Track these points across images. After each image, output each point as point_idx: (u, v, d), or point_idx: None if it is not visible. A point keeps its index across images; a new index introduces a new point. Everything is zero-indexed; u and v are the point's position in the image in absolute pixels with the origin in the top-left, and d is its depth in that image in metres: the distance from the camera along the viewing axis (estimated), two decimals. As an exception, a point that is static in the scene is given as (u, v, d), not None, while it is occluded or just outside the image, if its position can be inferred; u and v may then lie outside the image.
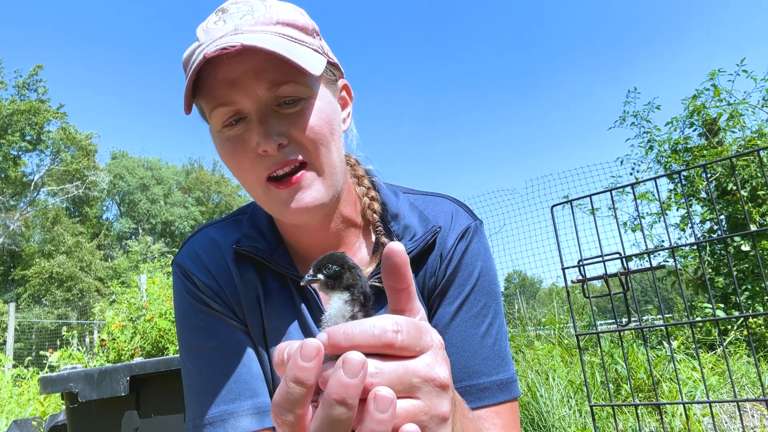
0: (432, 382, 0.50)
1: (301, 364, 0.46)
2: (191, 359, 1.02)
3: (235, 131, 0.92)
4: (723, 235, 2.91)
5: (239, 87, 0.88)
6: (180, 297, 1.06)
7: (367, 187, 1.11)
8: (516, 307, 9.62)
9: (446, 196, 1.15)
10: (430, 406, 0.50)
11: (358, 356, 0.45)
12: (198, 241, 1.09)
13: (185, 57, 0.95)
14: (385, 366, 0.48)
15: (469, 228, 1.07)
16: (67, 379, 2.18)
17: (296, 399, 0.47)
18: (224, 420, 0.95)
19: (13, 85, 32.17)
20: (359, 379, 0.44)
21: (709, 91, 6.50)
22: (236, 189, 47.78)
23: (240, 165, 0.94)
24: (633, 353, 4.38)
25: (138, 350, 6.07)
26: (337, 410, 0.44)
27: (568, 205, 2.61)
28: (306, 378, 0.46)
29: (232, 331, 1.02)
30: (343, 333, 0.48)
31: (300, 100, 0.91)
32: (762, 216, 5.55)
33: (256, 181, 0.94)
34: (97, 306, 13.29)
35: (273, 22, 0.91)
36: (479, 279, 1.04)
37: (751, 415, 3.36)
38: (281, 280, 1.05)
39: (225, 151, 0.94)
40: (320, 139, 0.92)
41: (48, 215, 33.26)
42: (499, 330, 1.03)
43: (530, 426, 3.73)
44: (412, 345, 0.50)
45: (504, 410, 0.98)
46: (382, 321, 0.49)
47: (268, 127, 0.89)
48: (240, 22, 0.90)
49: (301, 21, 0.95)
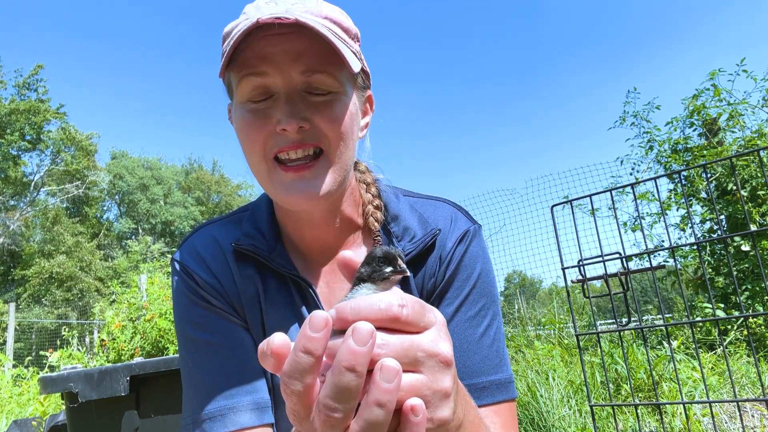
0: (436, 357, 0.52)
1: (309, 335, 0.47)
2: (190, 355, 1.02)
3: (259, 106, 0.93)
4: (723, 235, 2.91)
5: (275, 63, 0.90)
6: (179, 293, 1.06)
7: (374, 195, 1.12)
8: (516, 307, 9.63)
9: (446, 200, 1.16)
10: (433, 381, 0.52)
11: (367, 325, 0.46)
12: (198, 239, 1.10)
13: (229, 28, 0.96)
14: (391, 338, 0.50)
15: (468, 231, 1.08)
16: (67, 379, 2.18)
17: (305, 368, 0.47)
18: (223, 415, 0.95)
19: (13, 84, 32.17)
20: (368, 348, 0.46)
21: (709, 91, 6.50)
22: (236, 189, 47.80)
23: (254, 138, 0.94)
24: (633, 353, 4.38)
25: (138, 350, 6.08)
26: (346, 377, 0.46)
27: (568, 205, 2.61)
28: (314, 348, 0.47)
29: (232, 327, 1.03)
30: (351, 308, 0.50)
31: (330, 93, 0.93)
32: (762, 216, 5.55)
33: (262, 158, 0.95)
34: (97, 306, 13.29)
35: (322, 16, 0.94)
36: (478, 281, 1.05)
37: (751, 415, 3.36)
38: (281, 279, 1.05)
39: (242, 121, 0.95)
40: (342, 132, 0.94)
41: (48, 215, 33.24)
42: (497, 331, 1.04)
43: (530, 426, 3.73)
44: (417, 320, 0.52)
45: (503, 410, 0.98)
46: (388, 296, 0.51)
47: (294, 108, 0.91)
48: (291, 7, 0.92)
49: (346, 23, 0.98)
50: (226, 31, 0.96)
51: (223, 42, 0.96)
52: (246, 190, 48.42)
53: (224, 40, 0.96)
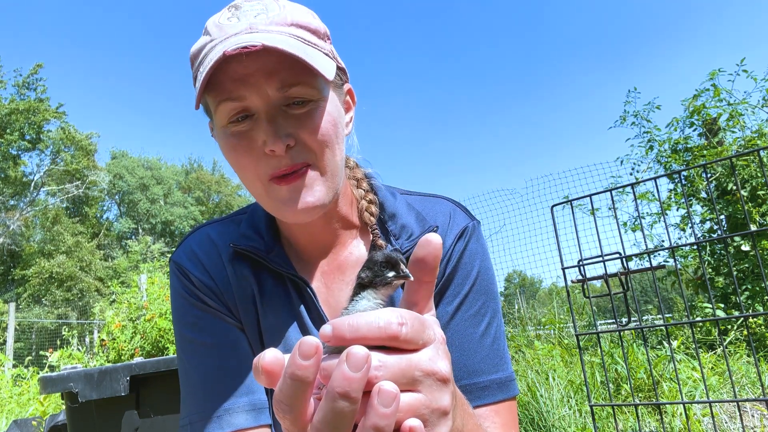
0: (434, 376, 0.51)
1: (299, 363, 0.46)
2: (187, 356, 1.02)
3: (241, 127, 0.91)
4: (723, 235, 2.91)
5: (250, 85, 0.88)
6: (176, 294, 1.06)
7: (365, 190, 1.11)
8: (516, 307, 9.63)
9: (444, 197, 1.15)
10: (432, 400, 0.51)
11: (362, 350, 0.45)
12: (195, 239, 1.10)
13: (194, 50, 0.94)
14: (389, 359, 0.49)
15: (467, 228, 1.07)
16: (67, 379, 2.18)
17: (295, 395, 0.47)
18: (220, 416, 0.95)
19: (13, 84, 32.12)
20: (363, 373, 0.45)
21: (709, 91, 6.50)
22: (236, 189, 47.74)
23: (242, 161, 0.93)
24: (633, 353, 4.38)
25: (138, 350, 6.07)
26: (340, 404, 0.45)
27: (568, 205, 2.61)
28: (304, 375, 0.46)
29: (228, 328, 1.02)
30: (348, 325, 0.48)
31: (309, 102, 0.91)
32: (762, 216, 5.54)
33: (257, 179, 0.94)
34: (97, 306, 13.28)
35: (287, 23, 0.92)
36: (477, 278, 1.04)
37: (751, 415, 3.36)
38: (278, 279, 1.05)
39: (228, 145, 0.94)
40: (326, 141, 0.93)
41: (48, 215, 33.21)
42: (497, 329, 1.04)
43: (530, 426, 3.73)
44: (416, 338, 0.51)
45: (503, 409, 0.98)
46: (387, 314, 0.50)
47: (276, 127, 0.89)
48: (255, 21, 0.90)
49: (313, 24, 0.96)
50: (192, 52, 0.95)
51: (192, 65, 0.94)
52: (246, 190, 48.24)
53: (192, 63, 0.94)
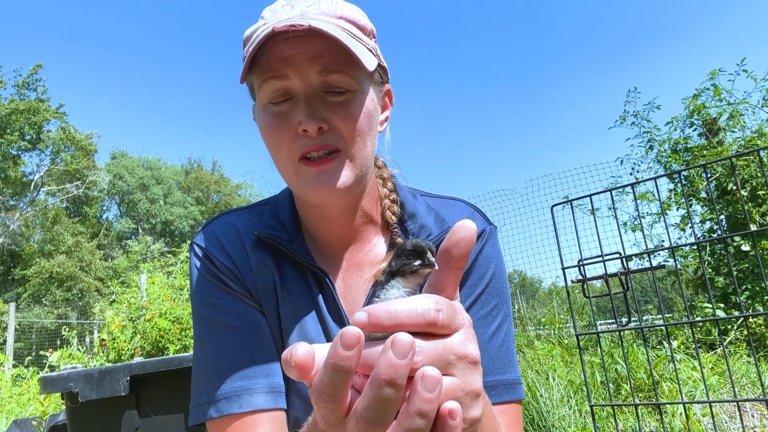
0: (466, 359, 0.52)
1: (342, 353, 0.46)
2: (207, 336, 1.03)
3: (281, 108, 0.96)
4: (723, 235, 2.91)
5: (294, 65, 0.92)
6: (198, 276, 1.07)
7: (390, 189, 1.15)
8: (516, 307, 9.64)
9: (463, 200, 1.18)
10: (466, 383, 0.52)
11: (407, 337, 0.45)
12: (218, 226, 1.12)
13: (248, 33, 0.99)
14: (426, 345, 0.49)
15: (484, 231, 1.10)
16: (67, 379, 2.18)
17: (337, 384, 0.47)
18: (239, 396, 0.96)
19: (13, 84, 32.09)
20: (408, 360, 0.45)
21: (709, 90, 6.50)
22: (236, 189, 47.73)
23: (278, 140, 0.97)
24: (633, 353, 4.38)
25: (138, 350, 6.07)
26: (386, 391, 0.45)
27: (568, 205, 2.61)
28: (347, 365, 0.46)
29: (250, 310, 1.04)
30: (386, 311, 0.48)
31: (347, 92, 0.95)
32: (762, 216, 5.55)
33: (288, 159, 0.97)
34: (97, 306, 13.26)
35: (337, 16, 0.97)
36: (491, 281, 1.06)
37: (751, 415, 3.36)
38: (298, 269, 1.07)
39: (267, 124, 0.98)
40: (359, 131, 0.96)
41: (48, 215, 33.19)
42: (507, 332, 1.06)
43: (530, 426, 3.74)
44: (450, 323, 0.52)
45: (509, 410, 0.99)
46: (425, 300, 0.50)
47: (312, 109, 0.93)
48: (307, 9, 0.96)
49: (361, 21, 1.01)
50: (246, 35, 1.00)
51: (244, 46, 1.00)
52: (246, 189, 48.37)
53: (245, 44, 1.00)
